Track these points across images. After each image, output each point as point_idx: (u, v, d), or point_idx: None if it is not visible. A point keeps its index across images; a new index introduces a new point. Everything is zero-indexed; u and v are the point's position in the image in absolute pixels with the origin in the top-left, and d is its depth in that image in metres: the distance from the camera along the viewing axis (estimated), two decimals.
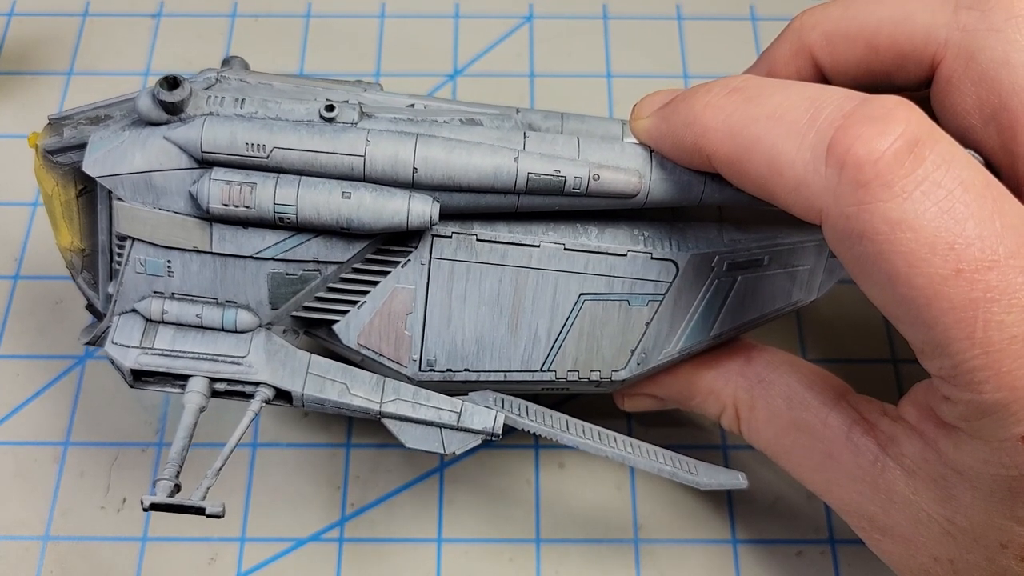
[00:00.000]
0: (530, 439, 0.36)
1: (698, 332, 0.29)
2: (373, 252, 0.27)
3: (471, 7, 0.45)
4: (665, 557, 0.34)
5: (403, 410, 0.27)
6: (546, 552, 0.34)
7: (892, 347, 0.37)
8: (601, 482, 0.35)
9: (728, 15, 0.45)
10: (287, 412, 0.36)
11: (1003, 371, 0.21)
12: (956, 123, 0.26)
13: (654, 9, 0.45)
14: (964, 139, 0.26)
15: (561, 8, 0.45)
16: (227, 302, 0.27)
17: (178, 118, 0.26)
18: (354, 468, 0.35)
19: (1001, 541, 0.23)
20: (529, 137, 0.26)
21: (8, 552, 0.33)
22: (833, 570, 0.33)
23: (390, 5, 0.45)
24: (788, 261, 0.30)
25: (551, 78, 0.43)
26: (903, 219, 0.21)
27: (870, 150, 0.21)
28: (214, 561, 0.33)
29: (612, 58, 0.44)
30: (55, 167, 0.28)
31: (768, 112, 0.23)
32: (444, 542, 0.34)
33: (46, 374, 0.37)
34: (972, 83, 0.25)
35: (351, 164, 0.25)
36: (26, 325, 0.37)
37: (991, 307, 0.20)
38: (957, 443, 0.23)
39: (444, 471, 0.35)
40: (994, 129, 0.25)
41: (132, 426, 0.36)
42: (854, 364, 0.36)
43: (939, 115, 0.27)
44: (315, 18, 0.45)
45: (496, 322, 0.28)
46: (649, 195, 0.26)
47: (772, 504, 0.35)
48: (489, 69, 0.44)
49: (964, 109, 0.26)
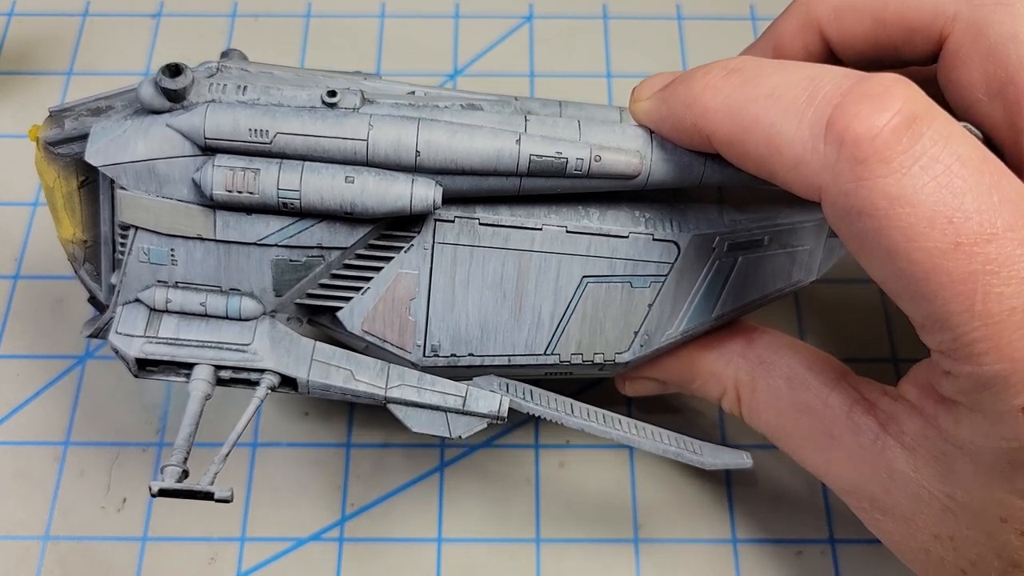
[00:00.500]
0: (530, 439, 0.36)
1: (700, 313, 0.29)
2: (376, 238, 0.27)
3: (471, 7, 0.45)
4: (665, 556, 0.34)
5: (408, 395, 0.27)
6: (546, 551, 0.34)
7: (892, 346, 0.37)
8: (601, 481, 0.35)
9: (728, 15, 0.45)
10: (287, 412, 0.36)
11: (1003, 343, 0.21)
12: (962, 97, 0.26)
13: (654, 9, 0.45)
14: (969, 114, 0.26)
15: (561, 8, 0.45)
16: (231, 290, 0.27)
17: (180, 106, 0.26)
18: (354, 468, 0.35)
19: (1001, 515, 0.23)
20: (530, 120, 0.26)
21: (8, 552, 0.33)
22: (833, 570, 0.33)
23: (390, 5, 0.45)
24: (788, 241, 0.30)
25: (551, 78, 0.43)
26: (901, 194, 0.21)
27: (868, 127, 0.21)
28: (214, 561, 0.33)
29: (612, 58, 0.44)
30: (56, 159, 0.28)
31: (767, 92, 0.23)
32: (444, 542, 0.34)
33: (46, 374, 0.37)
34: (980, 57, 0.26)
35: (354, 148, 0.25)
36: (26, 325, 0.37)
37: (990, 279, 0.21)
38: (957, 418, 0.23)
39: (444, 471, 0.35)
40: (1000, 104, 0.25)
41: (132, 426, 0.36)
42: (854, 363, 0.36)
43: (945, 90, 0.27)
44: (315, 18, 0.45)
45: (499, 306, 0.28)
46: (650, 176, 0.26)
47: (772, 504, 0.35)
48: (489, 69, 0.44)
49: (971, 83, 0.26)
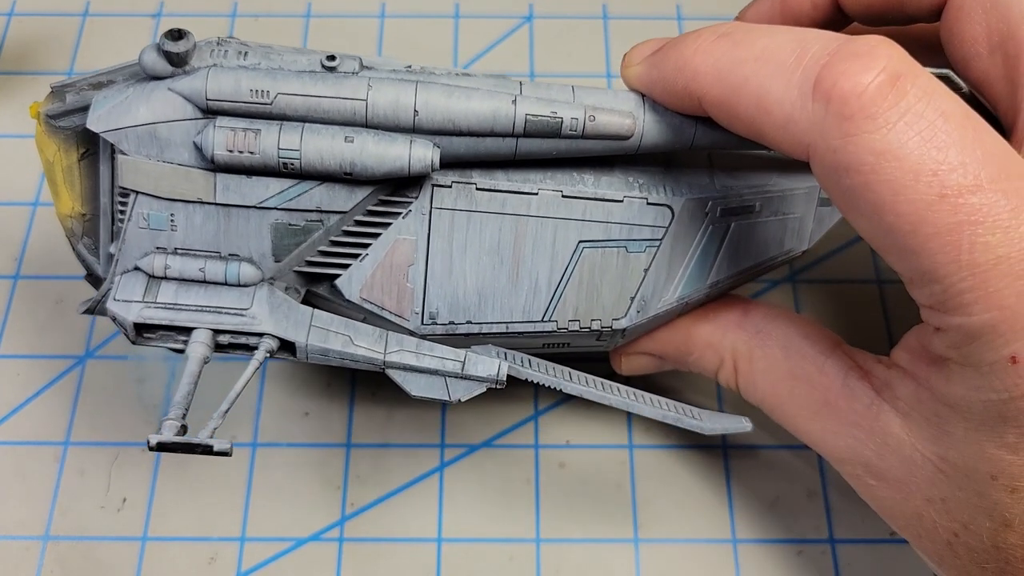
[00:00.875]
0: (531, 439, 0.36)
1: (695, 279, 0.30)
2: (375, 203, 0.27)
3: (471, 7, 0.45)
4: (665, 556, 0.34)
5: (407, 360, 0.28)
6: (546, 551, 0.34)
7: (891, 345, 0.37)
8: (601, 481, 0.35)
9: (728, 15, 0.45)
10: (287, 412, 0.36)
11: (990, 291, 0.21)
12: (963, 52, 0.27)
13: (654, 9, 0.45)
14: (969, 68, 0.27)
15: (561, 8, 0.45)
16: (230, 256, 0.27)
17: (182, 71, 0.26)
18: (354, 468, 0.35)
19: (991, 472, 0.24)
20: (525, 84, 0.27)
21: (8, 552, 0.33)
22: (833, 570, 0.33)
23: (390, 5, 0.45)
24: (779, 208, 0.30)
25: (551, 78, 0.43)
26: (887, 149, 0.21)
27: (854, 84, 0.22)
28: (214, 561, 0.33)
29: (612, 58, 0.44)
30: (57, 132, 0.28)
31: (756, 54, 0.24)
32: (444, 542, 0.34)
33: (46, 374, 0.37)
34: (983, 10, 0.26)
35: (353, 109, 0.25)
36: (26, 325, 0.38)
37: (976, 229, 0.21)
38: (948, 376, 0.24)
39: (444, 471, 0.35)
40: (1000, 57, 0.26)
41: (132, 425, 0.36)
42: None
43: (947, 45, 0.28)
44: (315, 18, 0.45)
45: (497, 272, 0.28)
46: (643, 138, 0.27)
47: (772, 504, 0.35)
48: (489, 69, 0.44)
49: (972, 36, 0.26)
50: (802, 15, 0.31)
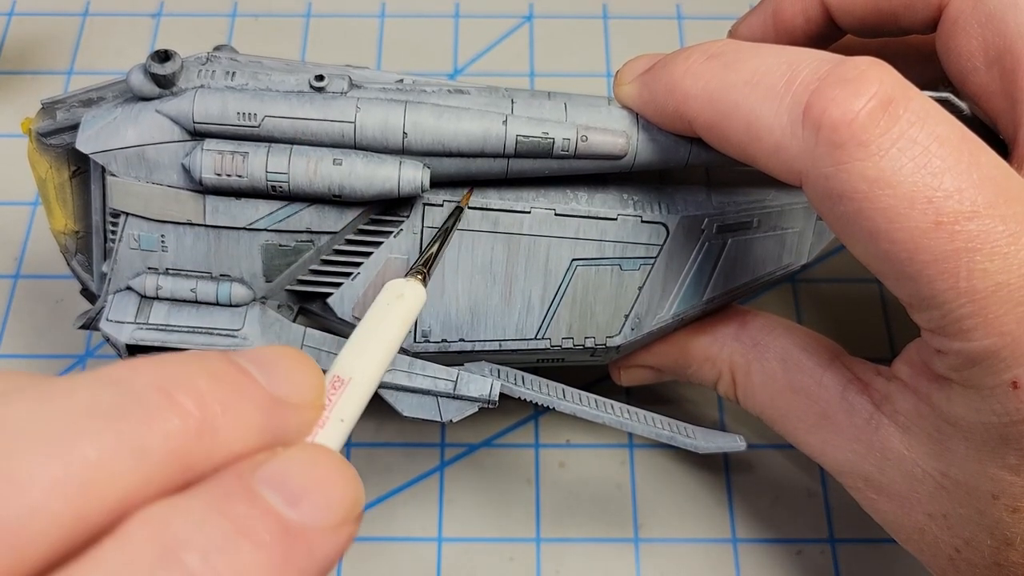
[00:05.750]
0: (531, 439, 0.36)
1: (691, 296, 0.29)
2: (365, 223, 0.27)
3: (471, 7, 0.45)
4: (665, 556, 0.34)
5: (399, 380, 0.27)
6: (546, 551, 0.34)
7: (891, 346, 0.37)
8: (601, 481, 0.35)
9: (728, 15, 0.45)
10: None
11: (991, 318, 0.21)
12: (960, 66, 0.26)
13: (654, 9, 0.45)
14: (966, 82, 0.26)
15: (561, 8, 0.45)
16: (221, 276, 0.27)
17: (170, 92, 0.26)
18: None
19: (993, 492, 0.23)
20: (516, 103, 0.26)
21: None
22: (833, 570, 0.33)
23: (390, 5, 0.45)
24: (777, 223, 0.30)
25: (551, 78, 0.43)
26: (880, 177, 0.21)
27: (844, 111, 0.21)
28: None
29: (612, 58, 0.44)
30: (48, 150, 0.28)
31: (746, 78, 0.23)
32: (444, 541, 0.34)
33: (46, 374, 0.37)
34: (979, 24, 0.26)
35: (342, 131, 0.25)
36: (26, 325, 0.37)
37: (974, 256, 0.21)
38: (950, 395, 0.23)
39: (444, 470, 0.35)
40: (997, 72, 0.25)
41: None
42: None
43: (943, 58, 0.27)
44: (315, 18, 0.45)
45: (489, 290, 0.28)
46: (636, 157, 0.26)
47: (772, 504, 0.35)
48: (489, 69, 0.44)
49: (968, 51, 0.26)
50: (795, 29, 0.30)
